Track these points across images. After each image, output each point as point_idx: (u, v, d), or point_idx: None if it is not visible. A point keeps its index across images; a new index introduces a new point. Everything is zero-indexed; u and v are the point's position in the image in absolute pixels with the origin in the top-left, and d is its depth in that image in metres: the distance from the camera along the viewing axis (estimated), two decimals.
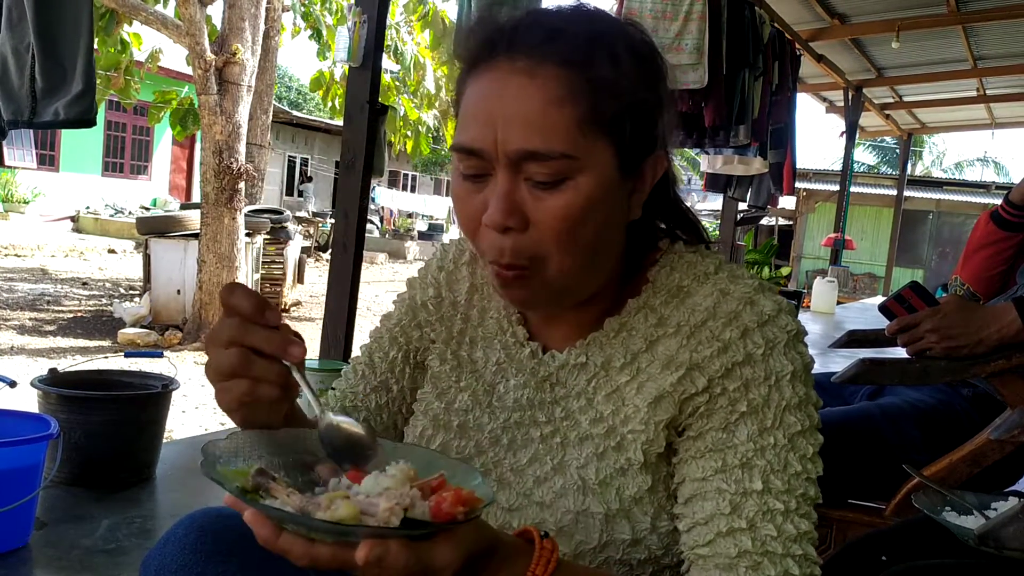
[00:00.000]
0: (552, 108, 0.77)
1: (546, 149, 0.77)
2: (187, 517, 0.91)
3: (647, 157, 0.85)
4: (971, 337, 1.63)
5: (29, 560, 1.90)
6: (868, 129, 12.83)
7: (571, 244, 0.80)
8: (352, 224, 3.35)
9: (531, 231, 0.80)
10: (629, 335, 0.89)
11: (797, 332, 0.85)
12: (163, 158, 19.83)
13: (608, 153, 0.80)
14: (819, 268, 16.32)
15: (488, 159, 0.80)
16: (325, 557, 0.63)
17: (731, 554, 0.79)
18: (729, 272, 0.88)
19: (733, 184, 6.87)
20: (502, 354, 0.96)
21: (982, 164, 34.99)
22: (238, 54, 7.27)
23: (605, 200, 0.81)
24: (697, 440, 0.84)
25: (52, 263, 12.26)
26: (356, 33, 3.21)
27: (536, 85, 0.77)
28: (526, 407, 0.93)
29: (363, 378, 1.06)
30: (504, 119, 0.78)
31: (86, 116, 2.75)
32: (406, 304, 1.05)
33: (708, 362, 0.83)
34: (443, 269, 1.03)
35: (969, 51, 8.20)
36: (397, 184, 29.21)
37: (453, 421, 0.96)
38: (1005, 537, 1.10)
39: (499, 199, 0.79)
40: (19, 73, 2.61)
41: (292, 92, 36.57)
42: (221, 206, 7.28)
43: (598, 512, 0.85)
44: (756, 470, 0.81)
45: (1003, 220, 1.95)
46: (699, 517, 0.82)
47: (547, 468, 0.90)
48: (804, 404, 0.83)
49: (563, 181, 0.78)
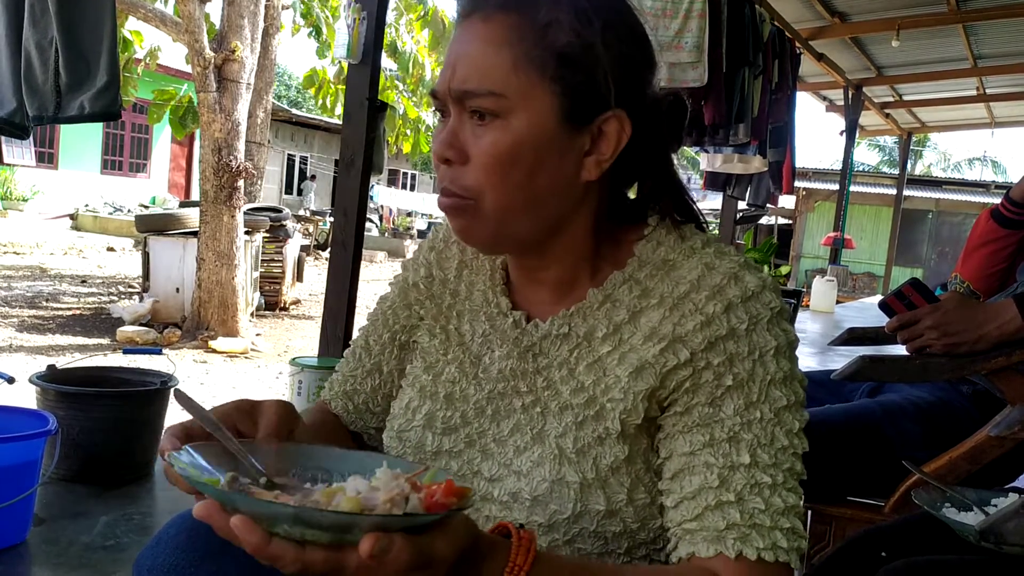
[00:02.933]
0: (491, 49, 0.83)
1: (477, 87, 0.82)
2: (178, 516, 0.91)
3: (599, 114, 0.85)
4: (971, 334, 1.63)
5: (27, 556, 1.90)
6: (868, 128, 12.83)
7: (501, 181, 0.83)
8: (351, 222, 3.35)
9: (468, 165, 0.85)
10: (613, 306, 0.90)
11: (781, 309, 0.86)
12: (162, 156, 19.82)
13: (546, 98, 0.83)
14: (818, 267, 16.33)
15: (443, 99, 0.86)
16: (318, 562, 0.61)
17: (719, 527, 0.80)
18: (716, 248, 0.89)
19: (732, 183, 6.87)
20: (487, 325, 0.97)
21: (981, 163, 35.01)
22: (237, 52, 7.26)
23: (539, 145, 0.83)
24: (684, 415, 0.84)
25: (51, 261, 12.25)
26: (355, 30, 3.20)
27: (486, 29, 0.84)
28: (509, 377, 0.94)
29: (359, 361, 1.08)
30: (455, 61, 0.85)
31: (111, 109, 2.75)
32: (399, 286, 1.07)
33: (691, 335, 0.84)
34: (434, 249, 1.05)
35: (969, 50, 8.20)
36: (396, 183, 29.21)
37: (440, 392, 0.98)
38: (1006, 533, 1.10)
39: (444, 133, 0.85)
40: (43, 68, 2.60)
41: (292, 90, 36.57)
42: (220, 204, 7.26)
43: (573, 481, 0.86)
44: (743, 444, 0.81)
45: (1003, 218, 1.95)
46: (687, 491, 0.82)
47: (527, 438, 0.91)
48: (789, 380, 0.84)
49: (496, 119, 0.83)
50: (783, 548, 0.79)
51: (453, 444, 0.95)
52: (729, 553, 0.79)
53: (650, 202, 0.94)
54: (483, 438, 0.94)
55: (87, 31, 2.65)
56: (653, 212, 0.93)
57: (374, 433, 1.10)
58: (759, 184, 6.95)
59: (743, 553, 0.79)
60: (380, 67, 3.43)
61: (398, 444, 0.99)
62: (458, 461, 0.95)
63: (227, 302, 7.40)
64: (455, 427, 0.95)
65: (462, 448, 0.95)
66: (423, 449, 0.97)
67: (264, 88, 10.36)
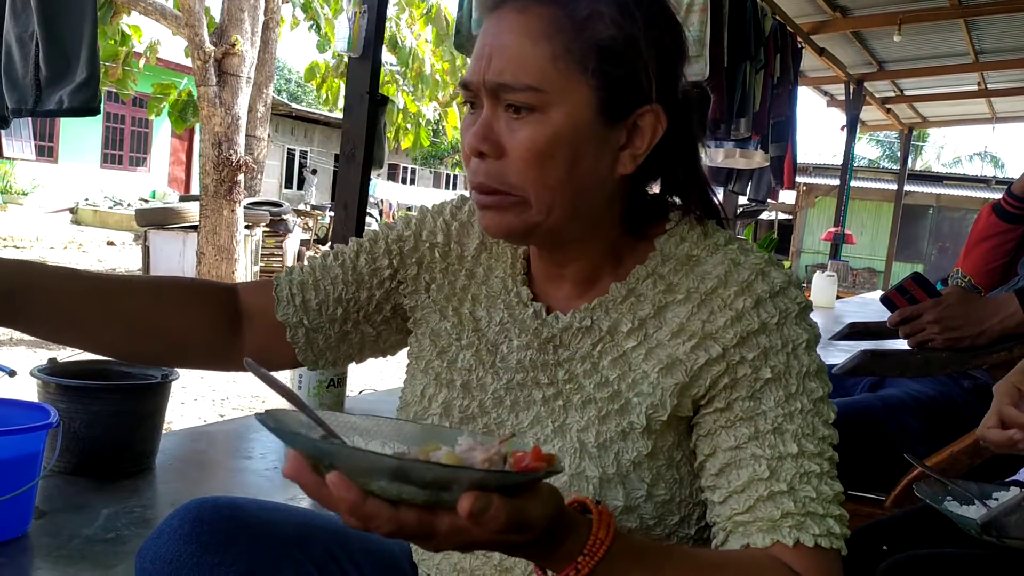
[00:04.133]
0: (528, 42, 0.80)
1: (513, 81, 0.80)
2: (182, 508, 0.90)
3: (637, 108, 0.84)
4: (973, 328, 1.63)
5: (28, 549, 1.90)
6: (869, 123, 12.82)
7: (540, 177, 0.81)
8: (352, 216, 3.35)
9: (505, 160, 0.82)
10: (637, 301, 0.88)
11: (806, 305, 0.86)
12: (162, 150, 19.80)
13: (585, 92, 0.81)
14: (819, 263, 16.33)
15: (475, 90, 0.84)
16: (411, 523, 0.60)
17: (774, 517, 0.80)
18: (739, 245, 0.89)
19: (734, 178, 6.87)
20: (505, 314, 0.95)
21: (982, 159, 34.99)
22: (237, 45, 7.25)
23: (577, 139, 0.81)
24: (725, 411, 0.84)
25: (51, 255, 12.25)
26: (356, 23, 3.20)
27: (523, 21, 0.81)
28: (529, 368, 0.92)
29: (341, 265, 1.01)
30: (490, 53, 0.82)
31: (90, 105, 2.75)
32: (412, 232, 1.01)
33: (722, 331, 0.84)
34: (456, 219, 1.01)
35: (971, 45, 8.19)
36: (396, 177, 29.19)
37: (456, 380, 0.96)
38: (1008, 526, 1.10)
39: (477, 126, 0.83)
40: (23, 61, 2.60)
41: (291, 84, 36.52)
42: (220, 198, 7.27)
43: (593, 476, 0.85)
44: (788, 434, 0.81)
45: (1005, 212, 1.94)
46: (736, 485, 0.82)
47: (548, 430, 0.90)
48: (821, 371, 0.85)
49: (533, 112, 0.81)
50: (836, 534, 0.80)
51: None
52: (787, 541, 0.79)
53: (671, 196, 0.93)
54: (502, 428, 0.92)
55: (68, 27, 2.65)
56: (674, 207, 0.93)
57: (301, 336, 1.00)
58: (760, 179, 6.95)
59: (800, 540, 0.79)
60: (381, 61, 3.43)
61: None
62: None
63: None
64: (472, 416, 0.94)
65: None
66: None
67: (264, 82, 10.34)
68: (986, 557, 1.16)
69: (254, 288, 1.04)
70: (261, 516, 0.93)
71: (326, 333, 1.01)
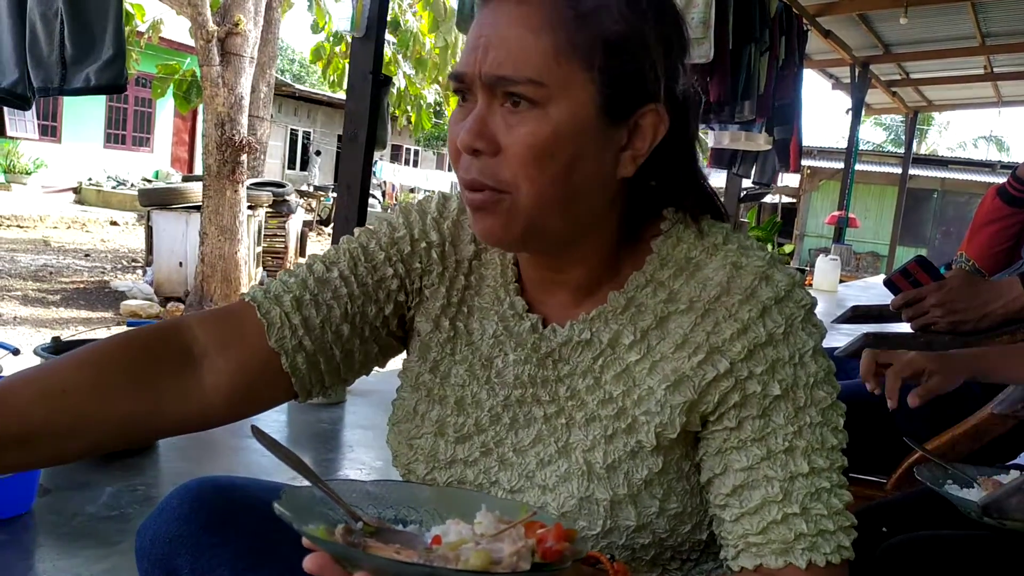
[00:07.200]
0: (529, 34, 0.76)
1: (514, 74, 0.76)
2: (182, 487, 0.90)
3: (639, 107, 0.80)
4: (976, 312, 1.62)
5: (32, 526, 1.91)
6: (874, 107, 12.77)
7: (538, 175, 0.77)
8: (355, 197, 3.34)
9: (500, 156, 0.78)
10: (638, 311, 0.85)
11: (812, 305, 0.83)
12: (165, 130, 19.77)
13: (586, 89, 0.77)
14: (822, 246, 16.29)
15: (469, 82, 0.79)
16: None
17: (787, 539, 0.79)
18: (739, 243, 0.85)
19: (738, 160, 6.84)
20: (499, 327, 0.90)
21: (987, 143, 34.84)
22: (240, 25, 7.22)
23: (577, 137, 0.77)
24: (736, 430, 0.81)
25: (54, 234, 12.26)
26: (359, 3, 3.18)
27: (521, 12, 0.77)
28: (527, 384, 0.88)
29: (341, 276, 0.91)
30: (486, 44, 0.78)
31: (118, 81, 2.74)
32: (405, 232, 0.94)
33: (728, 344, 0.81)
34: (445, 217, 0.95)
35: (977, 28, 8.13)
36: (399, 159, 29.11)
37: (449, 396, 0.91)
38: (1008, 508, 1.10)
39: (471, 121, 0.78)
40: (48, 40, 2.59)
41: (295, 65, 36.38)
42: (223, 178, 7.25)
43: (603, 498, 0.83)
44: (798, 452, 0.80)
45: (1010, 196, 1.94)
46: (749, 506, 0.80)
47: (551, 450, 0.86)
48: (828, 376, 0.83)
49: (532, 108, 0.76)
50: (846, 547, 0.80)
51: (468, 453, 0.90)
52: (799, 563, 0.79)
53: (666, 194, 0.88)
54: (500, 447, 0.89)
55: (92, 4, 2.63)
56: (668, 205, 0.88)
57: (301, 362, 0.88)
58: (764, 162, 6.92)
59: (813, 561, 0.79)
60: (384, 41, 3.41)
61: (409, 452, 0.93)
62: (474, 470, 0.90)
63: (230, 276, 7.42)
64: (469, 435, 0.90)
65: (477, 457, 0.90)
66: (436, 458, 0.91)
67: (267, 62, 10.32)
68: (986, 539, 1.17)
69: (212, 319, 0.89)
70: (261, 496, 0.91)
71: (328, 355, 0.90)
